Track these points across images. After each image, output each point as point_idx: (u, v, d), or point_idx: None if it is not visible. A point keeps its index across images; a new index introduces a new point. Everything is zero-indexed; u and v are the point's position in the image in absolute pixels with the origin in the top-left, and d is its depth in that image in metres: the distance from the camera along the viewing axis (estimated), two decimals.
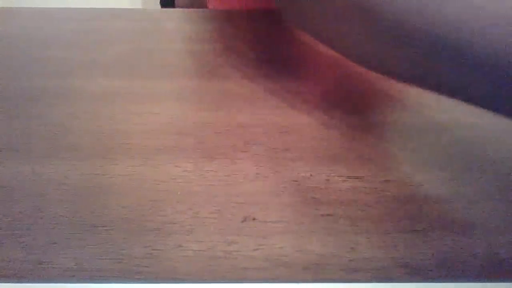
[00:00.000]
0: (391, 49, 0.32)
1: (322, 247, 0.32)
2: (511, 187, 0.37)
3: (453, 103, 0.47)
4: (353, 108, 0.46)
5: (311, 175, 0.38)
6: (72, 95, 0.48)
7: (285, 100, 0.47)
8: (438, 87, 0.33)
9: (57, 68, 0.54)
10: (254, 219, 0.34)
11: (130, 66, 0.54)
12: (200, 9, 0.78)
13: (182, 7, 0.76)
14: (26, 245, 0.32)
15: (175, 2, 0.80)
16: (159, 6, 0.98)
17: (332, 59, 0.55)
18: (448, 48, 0.28)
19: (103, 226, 0.33)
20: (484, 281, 0.30)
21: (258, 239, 0.32)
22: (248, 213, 0.34)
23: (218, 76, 0.52)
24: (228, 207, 0.35)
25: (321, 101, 0.47)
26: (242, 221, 0.34)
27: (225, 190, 0.36)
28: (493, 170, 0.39)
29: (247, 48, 0.58)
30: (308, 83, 0.51)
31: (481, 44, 0.26)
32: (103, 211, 0.34)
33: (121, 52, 0.57)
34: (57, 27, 0.64)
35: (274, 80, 0.51)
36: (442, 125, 0.44)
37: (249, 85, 0.50)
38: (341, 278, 0.30)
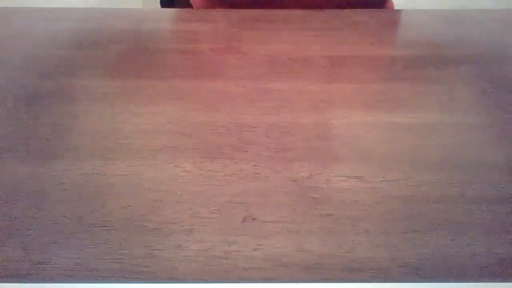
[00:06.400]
0: None
1: (322, 247, 0.32)
2: (511, 187, 0.37)
3: (453, 103, 0.48)
4: (352, 108, 0.46)
5: (311, 175, 0.38)
6: (72, 95, 0.48)
7: (285, 100, 0.47)
8: None
9: (57, 68, 0.54)
10: (254, 219, 0.34)
11: (130, 66, 0.54)
12: (200, 9, 0.78)
13: None
14: (26, 245, 0.32)
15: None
16: (159, 6, 0.98)
17: (330, 58, 0.55)
18: None
19: (103, 226, 0.33)
20: (484, 281, 0.30)
21: (258, 239, 0.32)
22: (248, 213, 0.34)
23: (218, 76, 0.52)
24: (228, 207, 0.35)
25: (321, 101, 0.47)
26: (242, 221, 0.34)
27: (225, 190, 0.36)
28: (493, 170, 0.39)
29: (246, 48, 0.58)
30: (308, 83, 0.50)
31: None
32: (103, 211, 0.34)
33: (121, 52, 0.57)
34: (57, 27, 0.64)
35: (274, 80, 0.51)
36: (442, 125, 0.44)
37: (249, 85, 0.50)
38: (341, 278, 0.30)
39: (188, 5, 0.87)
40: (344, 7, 0.70)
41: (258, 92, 0.49)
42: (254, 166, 0.39)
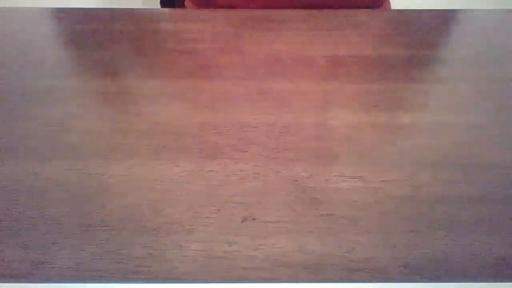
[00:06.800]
0: None
1: (322, 247, 0.32)
2: (511, 187, 0.37)
3: (453, 103, 0.48)
4: (352, 108, 0.46)
5: (311, 175, 0.38)
6: (72, 95, 0.48)
7: (285, 100, 0.47)
8: None
9: (57, 68, 0.54)
10: (254, 219, 0.34)
11: (130, 66, 0.54)
12: (200, 10, 0.78)
13: None
14: (26, 245, 0.32)
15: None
16: (159, 6, 0.98)
17: (331, 58, 0.55)
18: None
19: (103, 226, 0.33)
20: (484, 281, 0.30)
21: (258, 239, 0.32)
22: (248, 213, 0.34)
23: (218, 76, 0.52)
24: (228, 207, 0.35)
25: (321, 101, 0.47)
26: (242, 221, 0.34)
27: (225, 190, 0.36)
28: (493, 170, 0.39)
29: (246, 48, 0.58)
30: (308, 83, 0.51)
31: None
32: (103, 211, 0.34)
33: (121, 52, 0.57)
34: (57, 27, 0.64)
35: (274, 80, 0.51)
36: (442, 125, 0.44)
37: (249, 85, 0.50)
38: (341, 278, 0.30)
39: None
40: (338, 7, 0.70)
41: (258, 92, 0.49)
42: (254, 166, 0.39)
